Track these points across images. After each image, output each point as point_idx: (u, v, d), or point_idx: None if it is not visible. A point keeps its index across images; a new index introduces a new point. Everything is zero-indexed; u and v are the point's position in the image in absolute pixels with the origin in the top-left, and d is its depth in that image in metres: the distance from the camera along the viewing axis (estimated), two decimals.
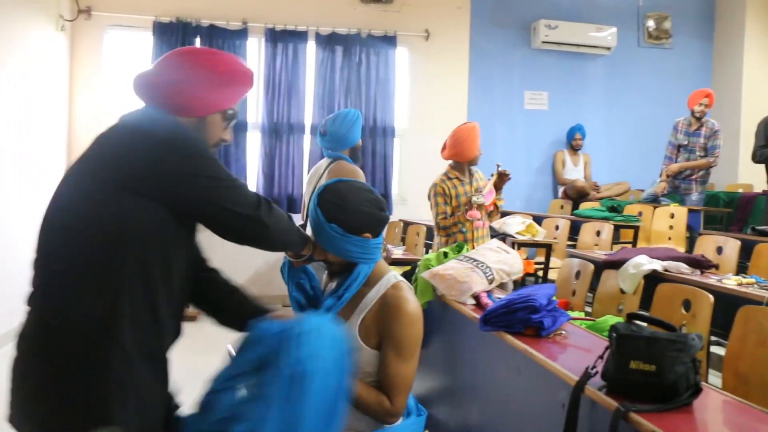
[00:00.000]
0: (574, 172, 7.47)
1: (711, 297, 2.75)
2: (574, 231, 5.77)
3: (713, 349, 3.12)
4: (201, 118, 1.63)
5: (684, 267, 3.53)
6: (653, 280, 3.30)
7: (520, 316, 2.14)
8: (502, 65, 7.54)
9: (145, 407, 1.45)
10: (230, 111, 1.68)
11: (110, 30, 6.58)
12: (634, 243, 5.61)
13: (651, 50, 7.96)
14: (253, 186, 6.66)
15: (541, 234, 5.17)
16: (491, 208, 4.05)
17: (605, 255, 4.05)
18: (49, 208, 1.50)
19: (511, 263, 2.89)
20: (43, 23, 5.76)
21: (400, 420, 1.95)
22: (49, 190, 1.48)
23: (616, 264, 3.60)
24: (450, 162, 4.09)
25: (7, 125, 5.01)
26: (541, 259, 5.23)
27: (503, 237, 4.94)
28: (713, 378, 3.06)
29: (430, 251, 4.37)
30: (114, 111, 6.43)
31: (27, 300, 1.48)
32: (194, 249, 1.70)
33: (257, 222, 1.56)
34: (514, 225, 5.08)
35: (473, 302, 2.62)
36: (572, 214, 6.48)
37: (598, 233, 5.37)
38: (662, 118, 7.21)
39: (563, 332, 2.18)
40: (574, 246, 5.56)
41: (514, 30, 7.57)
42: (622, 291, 3.45)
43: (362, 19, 7.00)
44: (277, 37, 6.72)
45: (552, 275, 4.94)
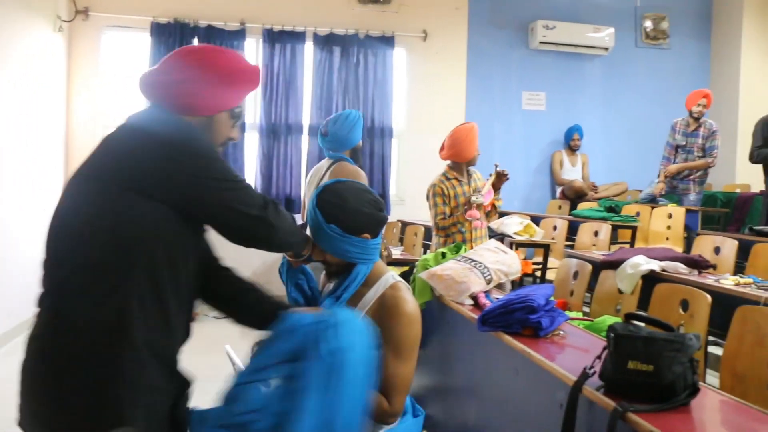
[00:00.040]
0: (572, 173, 7.48)
1: (708, 297, 2.75)
2: (572, 231, 5.78)
3: (711, 349, 3.13)
4: (208, 117, 1.62)
5: (682, 267, 3.53)
6: (651, 280, 3.31)
7: (518, 317, 2.14)
8: (500, 66, 7.55)
9: (156, 408, 1.44)
10: (237, 109, 1.67)
11: (108, 31, 6.57)
12: (632, 243, 5.62)
13: (648, 51, 7.97)
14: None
15: (539, 234, 5.17)
16: (489, 209, 4.05)
17: (603, 255, 4.06)
18: (58, 209, 1.49)
19: (509, 263, 2.90)
20: (41, 24, 5.75)
21: (398, 420, 1.95)
22: (47, 191, 1.48)
23: (614, 264, 3.61)
24: (448, 162, 4.09)
25: (5, 126, 5.00)
26: (539, 260, 5.24)
27: (501, 237, 4.94)
28: (711, 378, 3.06)
29: (428, 251, 4.37)
30: (112, 111, 6.47)
31: (37, 301, 1.47)
32: (205, 249, 1.70)
33: (264, 223, 1.55)
34: (512, 225, 5.08)
35: (471, 302, 2.63)
36: (570, 215, 6.49)
37: (596, 233, 5.37)
38: (660, 119, 7.23)
39: (561, 332, 2.18)
40: (572, 246, 5.57)
41: (512, 30, 7.58)
42: (620, 291, 3.45)
43: (360, 20, 7.00)
44: (275, 38, 6.72)
45: (550, 275, 4.95)
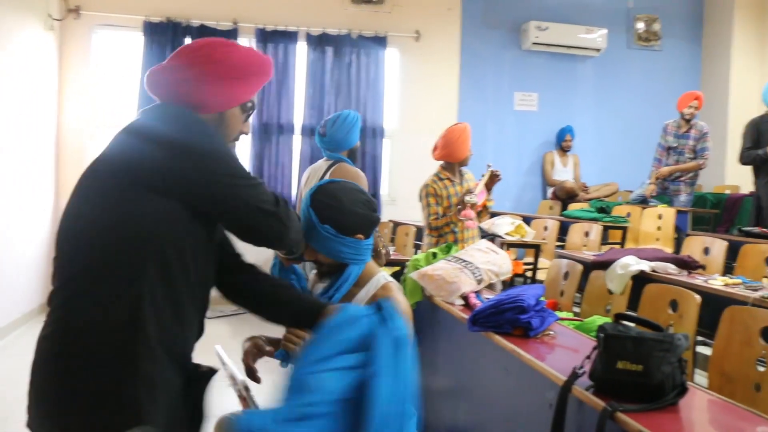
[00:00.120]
0: (563, 173, 7.50)
1: (698, 297, 2.77)
2: (563, 232, 5.80)
3: (699, 349, 3.14)
4: (221, 113, 1.60)
5: (671, 267, 3.55)
6: (641, 281, 3.32)
7: (509, 317, 2.15)
8: (493, 66, 7.56)
9: (173, 406, 1.43)
10: (249, 103, 1.65)
11: (99, 30, 6.55)
12: (623, 244, 5.64)
13: (640, 52, 8.00)
14: None
15: (530, 235, 5.18)
16: (480, 209, 4.06)
17: (593, 255, 4.07)
18: (69, 206, 1.48)
19: (500, 264, 2.91)
20: (32, 23, 5.73)
21: None
22: (39, 190, 1.47)
23: (605, 264, 3.62)
24: (441, 163, 4.10)
25: None
26: (530, 260, 5.25)
27: (492, 237, 4.95)
28: (699, 378, 3.08)
29: (420, 252, 4.38)
30: (103, 111, 6.45)
31: (48, 299, 1.46)
32: (224, 247, 1.69)
33: (278, 220, 1.54)
34: (503, 225, 5.09)
35: (462, 303, 2.64)
36: (561, 215, 6.51)
37: (587, 234, 5.39)
38: (651, 120, 7.27)
39: (551, 332, 2.19)
40: (563, 247, 5.58)
41: (505, 31, 7.59)
42: (610, 291, 3.47)
43: (353, 20, 7.00)
44: (268, 38, 6.72)
45: (540, 276, 4.96)
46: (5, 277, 5.11)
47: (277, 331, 1.91)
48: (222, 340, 2.18)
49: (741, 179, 6.98)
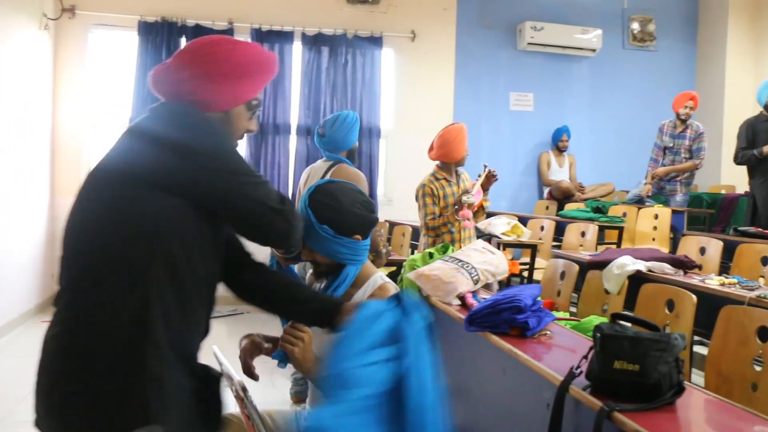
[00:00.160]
0: (560, 173, 7.51)
1: (694, 297, 2.77)
2: (559, 232, 5.80)
3: (696, 349, 3.15)
4: (226, 112, 1.59)
5: (667, 267, 3.56)
6: (637, 281, 3.32)
7: (505, 317, 2.15)
8: (488, 66, 7.57)
9: (182, 405, 1.42)
10: (254, 101, 1.64)
11: (94, 29, 6.53)
12: (619, 244, 5.66)
13: (635, 52, 8.02)
14: None
15: (527, 235, 5.19)
16: (476, 209, 4.07)
17: (590, 255, 4.08)
18: (76, 205, 1.47)
19: (497, 264, 2.91)
20: (26, 22, 5.70)
21: None
22: (33, 189, 1.47)
23: (601, 264, 3.63)
24: (437, 162, 4.10)
25: None
26: (527, 260, 5.25)
27: (489, 238, 4.95)
28: (696, 377, 3.09)
29: (416, 252, 4.37)
30: (98, 110, 6.44)
31: (54, 299, 1.45)
32: (235, 247, 1.69)
33: (284, 217, 1.54)
34: (500, 226, 5.10)
35: (458, 303, 2.63)
36: (557, 215, 6.51)
37: (583, 234, 5.40)
38: (647, 120, 7.29)
39: (548, 332, 2.19)
40: (559, 246, 5.59)
41: (500, 31, 7.60)
42: (607, 291, 3.47)
43: (348, 20, 7.00)
44: (263, 37, 6.70)
45: (537, 276, 4.96)
46: (1, 278, 5.09)
47: (275, 331, 1.90)
48: (218, 341, 2.17)
49: (736, 179, 7.00)
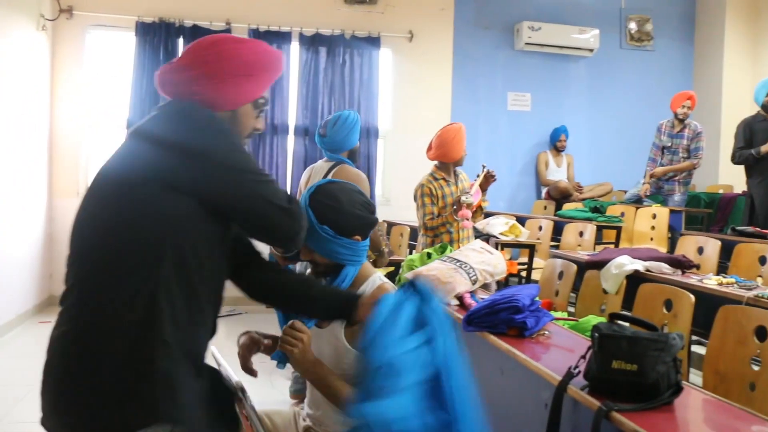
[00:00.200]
0: (557, 173, 7.51)
1: (692, 297, 2.78)
2: (557, 231, 5.80)
3: (694, 348, 3.15)
4: (233, 111, 1.59)
5: (665, 267, 3.56)
6: (635, 281, 3.33)
7: (504, 317, 2.15)
8: (486, 66, 7.57)
9: (191, 404, 1.41)
10: (261, 99, 1.64)
11: (92, 30, 6.52)
12: (617, 243, 5.66)
13: (633, 52, 8.02)
14: None
15: (525, 234, 5.19)
16: (475, 209, 4.07)
17: (588, 255, 4.08)
18: (83, 205, 1.47)
19: (495, 264, 2.91)
20: (24, 22, 5.70)
21: None
22: (31, 190, 1.46)
23: (599, 264, 3.63)
24: (435, 163, 4.10)
25: None
26: (525, 260, 5.25)
27: (487, 237, 4.95)
28: (694, 377, 3.09)
29: (414, 252, 4.38)
30: (96, 111, 6.43)
31: (60, 299, 1.45)
32: (243, 246, 1.69)
33: (292, 216, 1.54)
34: (498, 226, 5.10)
35: (457, 303, 2.64)
36: (555, 215, 6.51)
37: (581, 234, 5.40)
38: (644, 120, 7.30)
39: (546, 332, 2.19)
40: (557, 246, 5.59)
41: (498, 31, 7.60)
42: (605, 291, 3.47)
43: (346, 20, 7.00)
44: (261, 38, 6.68)
45: (535, 276, 4.96)
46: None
47: (273, 331, 1.90)
48: (217, 341, 2.16)
49: (734, 179, 7.01)
